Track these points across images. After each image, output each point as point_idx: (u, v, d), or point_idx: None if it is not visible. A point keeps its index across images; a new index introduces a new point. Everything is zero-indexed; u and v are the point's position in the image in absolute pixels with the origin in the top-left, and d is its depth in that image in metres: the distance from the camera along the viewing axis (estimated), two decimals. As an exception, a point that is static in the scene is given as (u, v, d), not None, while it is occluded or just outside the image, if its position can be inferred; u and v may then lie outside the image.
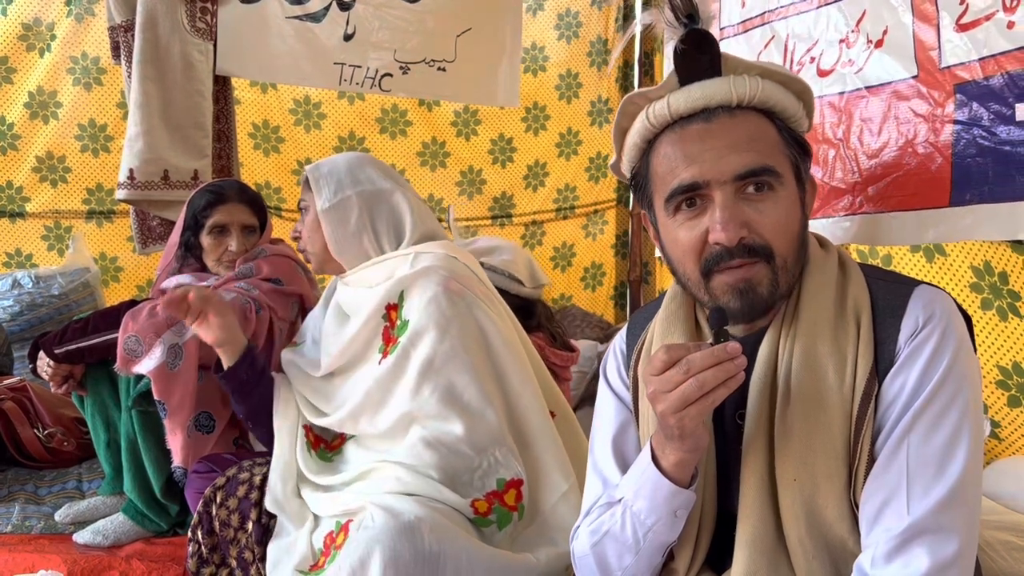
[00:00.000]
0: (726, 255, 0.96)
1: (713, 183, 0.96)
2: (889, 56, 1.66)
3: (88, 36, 3.05)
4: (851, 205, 1.76)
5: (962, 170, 1.49)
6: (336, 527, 1.49)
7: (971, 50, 1.45)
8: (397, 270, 1.64)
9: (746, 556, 0.96)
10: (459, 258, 1.70)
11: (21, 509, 2.14)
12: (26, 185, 3.12)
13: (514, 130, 3.62)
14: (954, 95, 1.50)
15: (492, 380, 1.58)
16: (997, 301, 1.73)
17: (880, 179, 1.70)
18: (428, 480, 1.47)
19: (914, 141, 1.60)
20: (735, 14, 2.18)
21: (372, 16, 2.91)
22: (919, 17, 1.56)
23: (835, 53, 1.81)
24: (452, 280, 1.60)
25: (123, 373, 1.86)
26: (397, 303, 1.61)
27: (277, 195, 3.40)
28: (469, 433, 1.49)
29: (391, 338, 1.61)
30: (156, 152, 2.61)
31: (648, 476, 0.99)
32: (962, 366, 0.92)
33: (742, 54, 2.11)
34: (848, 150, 1.78)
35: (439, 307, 1.56)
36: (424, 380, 1.52)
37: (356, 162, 1.77)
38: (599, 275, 3.88)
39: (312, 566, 1.47)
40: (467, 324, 1.58)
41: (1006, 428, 1.84)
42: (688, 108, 0.99)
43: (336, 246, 1.71)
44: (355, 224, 1.69)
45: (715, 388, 0.88)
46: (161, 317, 1.86)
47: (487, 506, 1.49)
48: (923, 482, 0.89)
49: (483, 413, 1.52)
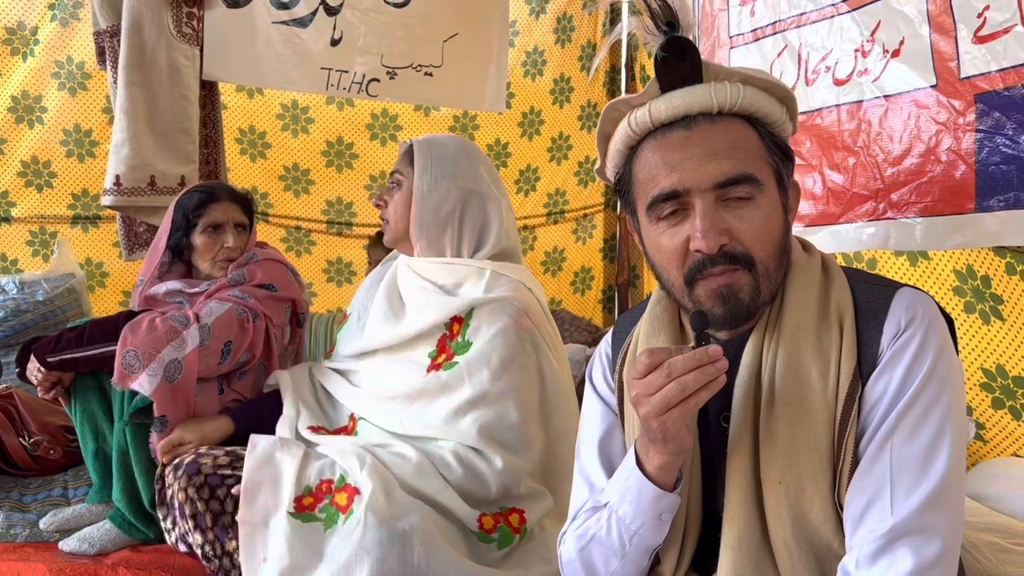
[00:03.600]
0: (708, 263, 0.96)
1: (693, 191, 0.96)
2: (906, 66, 1.69)
3: (73, 41, 3.04)
4: (874, 211, 1.80)
5: (986, 177, 1.52)
6: (339, 481, 1.46)
7: (991, 61, 1.49)
8: (468, 280, 1.63)
9: (732, 558, 0.96)
10: (533, 290, 1.69)
11: (6, 517, 2.12)
12: (11, 190, 3.10)
13: (510, 135, 3.63)
14: (975, 104, 1.53)
15: (537, 422, 1.59)
16: (980, 304, 1.75)
17: (903, 185, 1.73)
18: (443, 482, 1.47)
19: (936, 149, 1.63)
20: (745, 23, 2.20)
21: (359, 21, 2.91)
22: (936, 29, 1.59)
23: (851, 62, 1.83)
24: (524, 316, 1.60)
25: (120, 388, 1.84)
26: (464, 318, 1.60)
27: (264, 200, 3.39)
28: (500, 469, 1.50)
29: (447, 349, 1.60)
30: (142, 158, 2.59)
31: (633, 480, 0.99)
32: (944, 367, 0.93)
33: (754, 63, 2.14)
34: (868, 157, 1.80)
35: (507, 341, 1.55)
36: (471, 409, 1.52)
37: (466, 152, 1.74)
38: (588, 279, 3.89)
39: (298, 501, 1.44)
40: (529, 364, 1.58)
41: (990, 430, 1.85)
42: (669, 115, 0.99)
43: (418, 230, 1.69)
44: (445, 217, 1.67)
45: (697, 391, 0.89)
46: (161, 332, 1.85)
47: (493, 523, 1.50)
48: (906, 483, 0.89)
49: (520, 453, 1.53)
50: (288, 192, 3.45)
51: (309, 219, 3.50)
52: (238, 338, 1.96)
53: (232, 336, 1.95)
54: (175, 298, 2.10)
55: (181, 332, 1.87)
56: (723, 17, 2.31)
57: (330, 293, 3.55)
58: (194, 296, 2.07)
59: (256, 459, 1.49)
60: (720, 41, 2.33)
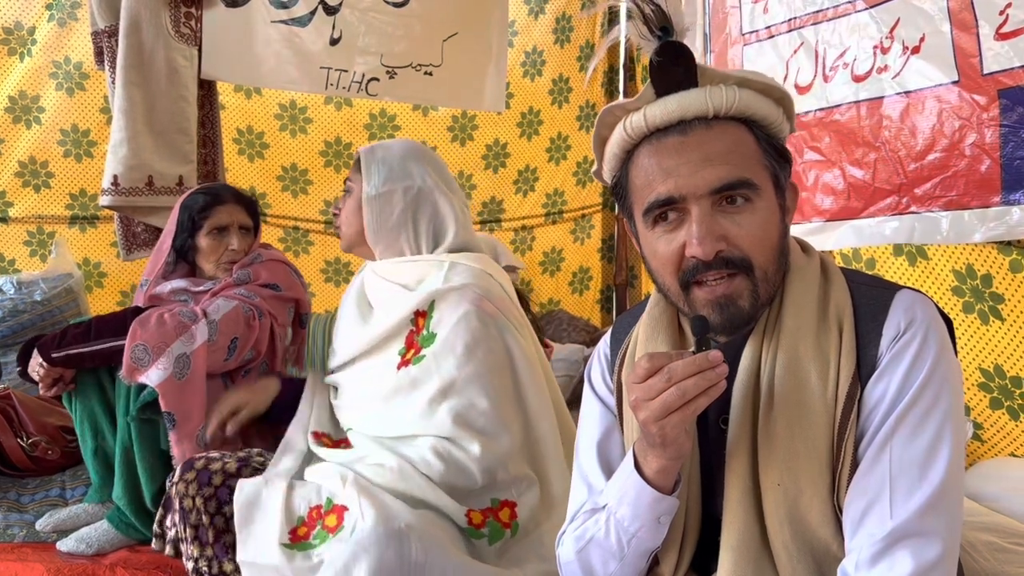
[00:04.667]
0: (703, 267, 0.96)
1: (689, 197, 0.96)
2: (927, 62, 1.70)
3: (71, 41, 3.03)
4: (896, 205, 1.81)
5: (1012, 171, 1.54)
6: (327, 504, 1.45)
7: (1013, 58, 1.50)
8: (429, 275, 1.64)
9: (731, 561, 0.96)
10: (494, 275, 1.69)
11: (3, 517, 2.12)
12: (8, 190, 3.09)
13: (509, 135, 3.63)
14: (998, 99, 1.55)
15: (512, 404, 1.58)
16: (979, 304, 1.75)
17: (927, 180, 1.74)
18: (427, 481, 1.46)
19: (960, 144, 1.64)
20: (758, 20, 2.21)
21: (358, 21, 2.91)
22: (957, 26, 1.61)
23: (869, 59, 1.85)
24: (485, 300, 1.59)
25: (128, 382, 1.84)
26: (427, 311, 1.61)
27: (262, 200, 3.38)
28: (479, 455, 1.49)
29: (414, 344, 1.61)
30: (140, 158, 2.59)
31: (631, 483, 0.99)
32: (943, 369, 0.93)
33: (769, 60, 2.15)
34: (890, 152, 1.82)
35: (469, 326, 1.55)
36: (443, 399, 1.52)
37: (412, 154, 1.74)
38: (586, 279, 3.89)
39: (292, 533, 1.43)
40: (495, 347, 1.58)
41: (988, 430, 1.85)
42: (664, 120, 0.98)
43: (373, 235, 1.70)
44: (397, 218, 1.68)
45: (697, 396, 0.88)
46: (170, 326, 1.86)
47: (482, 518, 1.49)
48: (906, 486, 0.89)
49: (497, 437, 1.53)
50: (286, 192, 3.45)
51: (307, 219, 3.50)
52: (244, 335, 1.97)
53: (239, 333, 1.96)
54: (180, 297, 2.11)
55: (190, 327, 1.88)
56: (735, 15, 2.32)
57: (328, 293, 3.55)
58: (199, 295, 2.08)
59: (242, 502, 1.46)
60: (732, 38, 2.33)
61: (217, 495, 1.51)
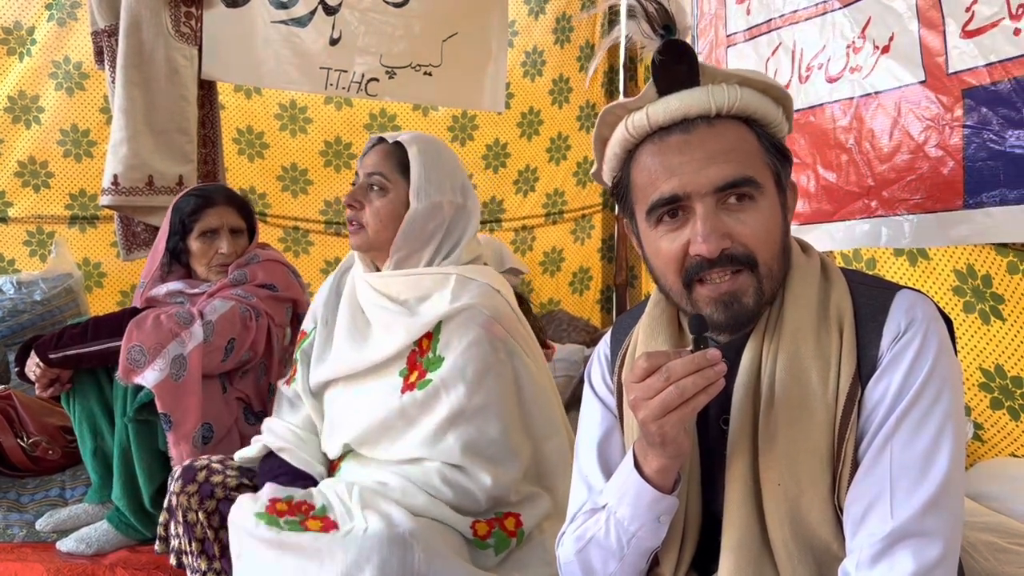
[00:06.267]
0: (707, 265, 0.96)
1: (693, 195, 0.96)
2: (896, 62, 1.67)
3: (70, 40, 3.03)
4: (866, 208, 1.78)
5: (974, 173, 1.51)
6: (320, 510, 1.44)
7: (978, 56, 1.47)
8: (433, 292, 1.58)
9: (732, 560, 0.96)
10: (501, 291, 1.63)
11: (3, 517, 2.12)
12: (8, 190, 3.09)
13: (509, 135, 3.62)
14: (963, 100, 1.51)
15: (520, 429, 1.56)
16: (980, 304, 1.75)
17: (893, 183, 1.71)
18: (431, 498, 1.45)
19: (925, 145, 1.61)
20: (740, 21, 2.20)
21: (358, 21, 2.91)
22: (925, 24, 1.57)
23: (842, 59, 1.82)
24: (495, 323, 1.54)
25: (124, 382, 1.84)
26: (433, 332, 1.55)
27: (262, 200, 3.38)
28: (489, 486, 1.48)
29: (418, 366, 1.55)
30: (140, 158, 2.59)
31: (631, 482, 0.99)
32: (944, 370, 0.93)
33: (750, 61, 2.13)
34: (860, 155, 1.79)
35: (480, 353, 1.51)
36: (451, 427, 1.49)
37: (455, 163, 1.67)
38: (586, 279, 3.89)
39: (272, 503, 1.41)
40: (504, 373, 1.54)
41: (989, 430, 1.85)
42: (667, 119, 0.99)
43: (403, 242, 1.60)
44: (432, 230, 1.61)
45: (695, 395, 0.88)
46: (166, 328, 1.85)
47: (487, 529, 1.48)
48: (906, 486, 0.89)
49: (507, 466, 1.51)
50: (286, 192, 3.44)
51: (307, 219, 3.50)
52: (241, 336, 1.97)
53: (235, 334, 1.95)
54: (176, 299, 2.11)
55: (186, 328, 1.88)
56: (721, 16, 2.31)
57: (328, 293, 3.54)
58: (195, 296, 2.08)
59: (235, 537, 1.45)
60: (718, 40, 2.33)
61: (219, 509, 1.52)
